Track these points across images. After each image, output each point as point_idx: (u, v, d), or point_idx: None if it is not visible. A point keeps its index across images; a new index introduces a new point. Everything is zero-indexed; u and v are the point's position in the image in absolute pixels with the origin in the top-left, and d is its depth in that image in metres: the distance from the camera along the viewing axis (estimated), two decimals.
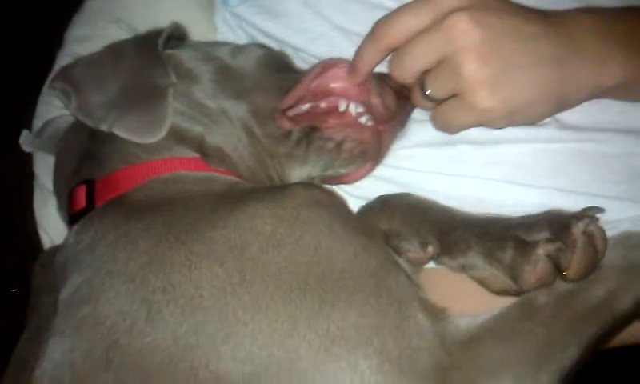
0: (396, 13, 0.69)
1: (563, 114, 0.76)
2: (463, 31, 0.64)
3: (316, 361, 0.56)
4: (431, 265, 0.72)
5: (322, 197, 0.69)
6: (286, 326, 0.57)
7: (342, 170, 0.79)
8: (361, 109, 0.77)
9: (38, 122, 0.91)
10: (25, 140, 0.88)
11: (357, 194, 0.82)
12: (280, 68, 0.83)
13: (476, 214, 0.70)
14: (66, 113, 0.82)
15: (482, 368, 0.59)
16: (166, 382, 0.56)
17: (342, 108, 0.77)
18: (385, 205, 0.75)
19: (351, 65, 0.75)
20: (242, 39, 0.95)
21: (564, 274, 0.62)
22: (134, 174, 0.71)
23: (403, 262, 0.72)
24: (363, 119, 0.77)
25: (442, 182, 0.79)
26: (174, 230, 0.63)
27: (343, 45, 0.84)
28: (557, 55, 0.66)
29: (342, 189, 0.82)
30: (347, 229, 0.65)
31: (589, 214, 0.63)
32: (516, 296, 0.65)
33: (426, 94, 0.69)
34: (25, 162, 0.91)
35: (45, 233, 0.89)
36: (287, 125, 0.78)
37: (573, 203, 0.66)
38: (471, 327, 0.62)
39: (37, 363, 0.61)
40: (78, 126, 0.78)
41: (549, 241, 0.63)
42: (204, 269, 0.59)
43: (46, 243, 0.88)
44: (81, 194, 0.71)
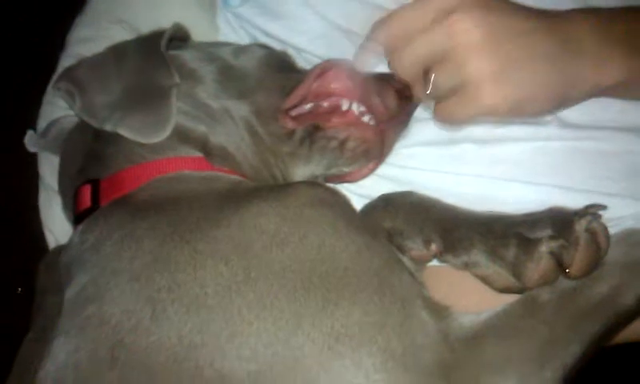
0: (396, 12, 0.69)
1: (564, 113, 0.77)
2: (464, 30, 0.64)
3: (320, 359, 0.56)
4: (434, 263, 0.73)
5: (325, 195, 0.69)
6: (291, 324, 0.57)
7: (346, 169, 0.80)
8: (362, 108, 0.77)
9: (42, 123, 0.91)
10: (29, 140, 0.88)
11: (360, 193, 0.82)
12: (282, 68, 0.84)
13: (479, 212, 0.70)
14: (71, 113, 0.82)
15: (485, 365, 0.59)
16: (171, 380, 0.56)
17: (344, 107, 0.77)
18: (388, 203, 0.75)
19: (352, 64, 0.75)
20: (244, 40, 0.95)
21: (567, 271, 0.62)
22: (139, 173, 0.71)
23: (406, 260, 0.72)
24: (366, 118, 0.77)
25: (445, 180, 0.79)
26: (179, 229, 0.63)
27: (344, 45, 0.84)
28: (556, 54, 0.66)
29: (345, 187, 0.82)
30: (351, 227, 0.65)
31: (591, 211, 0.63)
32: (519, 293, 0.65)
33: (428, 89, 0.69)
34: (28, 162, 0.91)
35: (50, 233, 0.90)
36: (290, 124, 0.78)
37: (573, 201, 0.66)
38: (474, 325, 0.62)
39: (41, 364, 0.61)
40: (82, 126, 0.78)
41: (552, 238, 0.63)
42: (209, 267, 0.60)
43: (52, 243, 0.89)
44: (86, 193, 0.72)
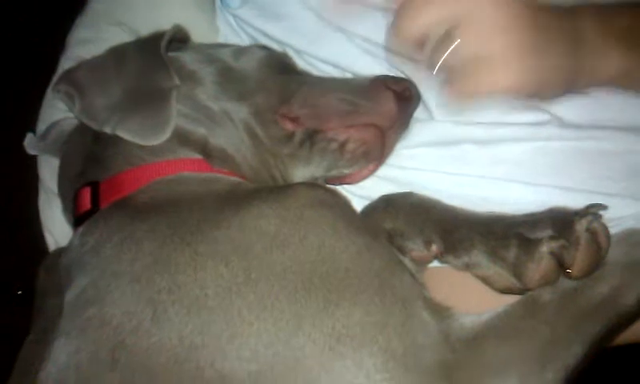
0: None
1: (564, 113, 0.77)
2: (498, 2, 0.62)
3: (321, 359, 0.56)
4: (435, 264, 0.73)
5: (325, 197, 0.69)
6: (291, 324, 0.57)
7: (346, 171, 0.80)
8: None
9: (41, 125, 0.91)
10: (29, 143, 0.88)
11: (360, 194, 0.82)
12: (282, 69, 0.84)
13: (479, 213, 0.70)
14: (70, 115, 0.82)
15: (486, 366, 0.59)
16: (171, 381, 0.56)
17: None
18: (388, 204, 0.75)
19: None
20: (244, 41, 0.95)
21: (568, 271, 0.62)
22: (139, 175, 0.71)
23: (407, 261, 0.72)
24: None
25: (446, 181, 0.79)
26: (179, 231, 0.63)
27: (344, 46, 0.84)
28: (566, 43, 0.65)
29: (346, 188, 0.82)
30: (351, 228, 0.65)
31: (592, 212, 0.63)
32: (520, 294, 0.65)
33: (452, 49, 0.63)
34: (27, 164, 0.91)
35: (50, 235, 0.90)
36: (290, 126, 0.78)
37: (573, 201, 0.66)
38: (475, 325, 0.62)
39: (41, 365, 0.61)
40: (82, 128, 0.78)
41: (552, 238, 0.63)
42: (209, 269, 0.60)
43: (51, 245, 0.88)
44: (85, 195, 0.72)
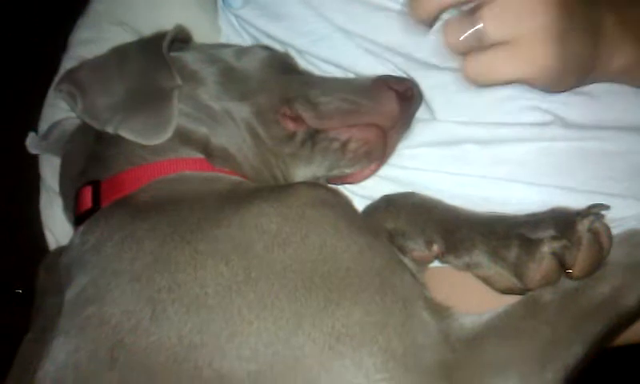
0: None
1: (566, 113, 0.77)
2: None
3: (321, 358, 0.56)
4: (436, 264, 0.72)
5: (327, 196, 0.69)
6: (291, 323, 0.57)
7: (348, 170, 0.80)
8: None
9: (43, 125, 0.91)
10: (31, 142, 0.88)
11: (362, 194, 0.82)
12: (284, 69, 0.84)
13: (481, 213, 0.70)
14: (72, 115, 0.82)
15: (486, 366, 0.59)
16: (170, 380, 0.56)
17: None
18: (390, 204, 0.75)
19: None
20: (245, 41, 0.95)
21: (569, 271, 0.62)
22: (140, 175, 0.71)
23: (408, 261, 0.72)
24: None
25: (447, 181, 0.79)
26: (180, 230, 0.63)
27: (346, 46, 0.84)
28: (586, 31, 0.64)
29: (347, 188, 0.82)
30: (352, 228, 0.65)
31: (594, 212, 0.63)
32: (521, 294, 0.65)
33: (477, 29, 0.60)
34: (28, 163, 0.91)
35: (51, 233, 0.90)
36: (291, 126, 0.78)
37: (576, 201, 0.66)
38: (476, 325, 0.62)
39: (40, 364, 0.61)
40: (84, 128, 0.78)
41: (554, 238, 0.63)
42: (209, 267, 0.60)
43: (52, 244, 0.89)
44: (87, 194, 0.72)
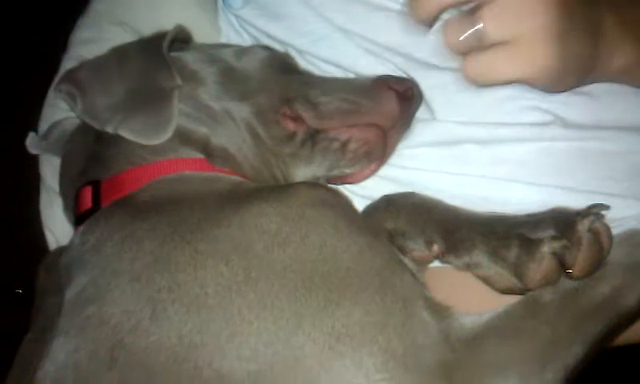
0: None
1: (566, 113, 0.77)
2: None
3: (321, 358, 0.56)
4: (436, 264, 0.72)
5: (327, 196, 0.69)
6: (291, 323, 0.57)
7: (348, 170, 0.80)
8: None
9: (43, 125, 0.91)
10: (31, 142, 0.88)
11: (362, 194, 0.82)
12: (284, 69, 0.84)
13: (481, 213, 0.70)
14: (72, 115, 0.82)
15: (486, 366, 0.59)
16: (170, 380, 0.56)
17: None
18: (390, 204, 0.75)
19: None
20: (246, 41, 0.95)
21: (569, 271, 0.62)
22: (140, 174, 0.71)
23: (408, 261, 0.72)
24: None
25: (447, 181, 0.79)
26: (180, 230, 0.63)
27: (346, 46, 0.84)
28: (587, 30, 0.63)
29: (347, 188, 0.82)
30: (352, 228, 0.65)
31: (594, 212, 0.63)
32: (521, 294, 0.65)
33: (477, 29, 0.60)
34: (28, 163, 0.91)
35: (51, 234, 0.90)
36: (291, 126, 0.78)
37: (576, 201, 0.66)
38: (476, 325, 0.62)
39: (40, 364, 0.61)
40: (84, 128, 0.78)
41: (554, 238, 0.63)
42: (209, 267, 0.60)
43: (52, 244, 0.89)
44: (87, 194, 0.72)
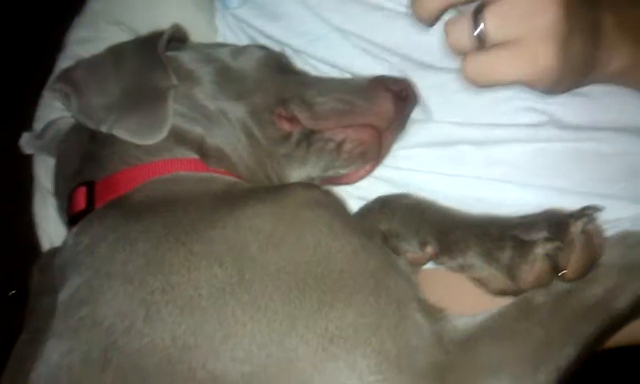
0: None
1: (562, 114, 0.77)
2: None
3: (314, 360, 0.56)
4: (430, 265, 0.72)
5: (321, 197, 0.69)
6: (285, 325, 0.57)
7: (343, 171, 0.80)
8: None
9: (38, 124, 0.91)
10: (26, 142, 0.88)
11: (356, 195, 0.82)
12: (280, 69, 0.84)
13: (475, 214, 0.70)
14: (67, 115, 0.82)
15: (479, 367, 0.59)
16: (164, 382, 0.56)
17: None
18: (384, 205, 0.75)
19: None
20: (242, 40, 0.95)
21: (562, 273, 0.62)
22: (135, 175, 0.71)
23: (402, 263, 0.72)
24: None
25: (442, 182, 0.79)
26: (174, 231, 0.63)
27: (343, 46, 0.84)
28: (593, 30, 0.63)
29: (342, 189, 0.82)
30: (347, 229, 0.65)
31: (587, 213, 0.63)
32: (514, 296, 0.65)
33: (478, 29, 0.59)
34: (23, 163, 0.91)
35: (44, 234, 0.89)
36: (287, 126, 0.78)
37: (571, 202, 0.66)
38: (469, 327, 0.62)
39: (33, 365, 0.61)
40: (78, 127, 0.78)
41: (547, 240, 0.63)
42: (203, 269, 0.60)
43: (46, 245, 0.88)
44: (80, 195, 0.72)
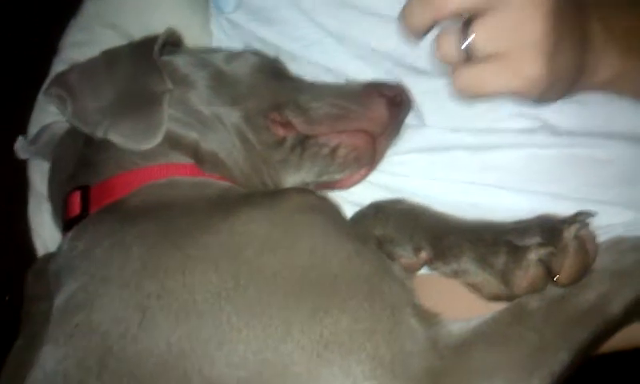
0: None
1: (555, 120, 0.77)
2: None
3: (309, 366, 0.56)
4: (424, 271, 0.72)
5: (316, 202, 0.69)
6: (280, 331, 0.57)
7: (337, 176, 0.80)
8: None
9: (33, 129, 0.90)
10: (20, 147, 0.88)
11: (351, 200, 0.82)
12: (274, 75, 0.84)
13: (469, 220, 0.70)
14: (62, 119, 0.82)
15: (473, 372, 0.59)
16: None
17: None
18: (378, 211, 0.75)
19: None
20: (237, 45, 0.95)
21: (556, 278, 0.62)
22: (130, 179, 0.71)
23: (397, 268, 0.72)
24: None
25: (436, 187, 0.79)
26: (169, 236, 0.63)
27: (337, 51, 0.84)
28: (582, 39, 0.63)
29: (336, 194, 0.82)
30: (341, 234, 0.66)
31: (580, 219, 0.64)
32: (508, 301, 0.65)
33: (467, 42, 0.59)
34: (18, 168, 0.91)
35: (39, 239, 0.89)
36: (281, 132, 0.78)
37: (565, 208, 0.66)
38: (463, 332, 0.62)
39: (29, 372, 0.61)
40: (73, 132, 0.78)
41: (541, 245, 0.63)
42: (198, 274, 0.60)
43: (41, 250, 0.88)
44: (75, 200, 0.71)
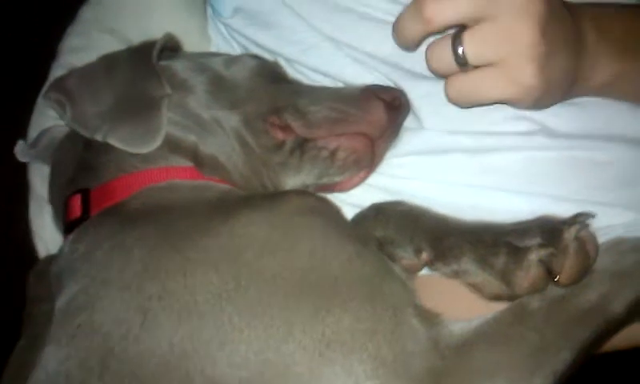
0: None
1: (553, 122, 0.77)
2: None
3: (311, 365, 0.56)
4: (425, 271, 0.73)
5: (316, 204, 0.69)
6: (282, 331, 0.57)
7: (336, 178, 0.80)
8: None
9: (33, 132, 0.90)
10: (20, 150, 0.88)
11: (350, 202, 0.82)
12: (273, 78, 0.84)
13: (469, 221, 0.71)
14: (61, 123, 0.82)
15: (475, 372, 0.60)
16: None
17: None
18: (379, 212, 0.75)
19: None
20: (235, 50, 0.95)
21: (556, 279, 0.63)
22: (130, 182, 0.71)
23: (398, 269, 0.72)
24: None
25: (435, 189, 0.79)
26: (169, 238, 0.63)
27: (334, 55, 0.84)
28: (572, 44, 0.64)
29: (336, 197, 0.82)
30: (341, 236, 0.66)
31: (580, 220, 0.64)
32: (509, 301, 0.65)
33: (458, 53, 0.61)
34: (19, 171, 0.91)
35: (41, 242, 0.89)
36: (280, 135, 0.78)
37: (565, 210, 0.66)
38: (465, 332, 0.62)
39: (31, 372, 0.61)
40: (73, 136, 0.78)
41: (541, 246, 0.63)
42: (199, 275, 0.60)
43: (42, 252, 0.88)
44: (76, 203, 0.72)
